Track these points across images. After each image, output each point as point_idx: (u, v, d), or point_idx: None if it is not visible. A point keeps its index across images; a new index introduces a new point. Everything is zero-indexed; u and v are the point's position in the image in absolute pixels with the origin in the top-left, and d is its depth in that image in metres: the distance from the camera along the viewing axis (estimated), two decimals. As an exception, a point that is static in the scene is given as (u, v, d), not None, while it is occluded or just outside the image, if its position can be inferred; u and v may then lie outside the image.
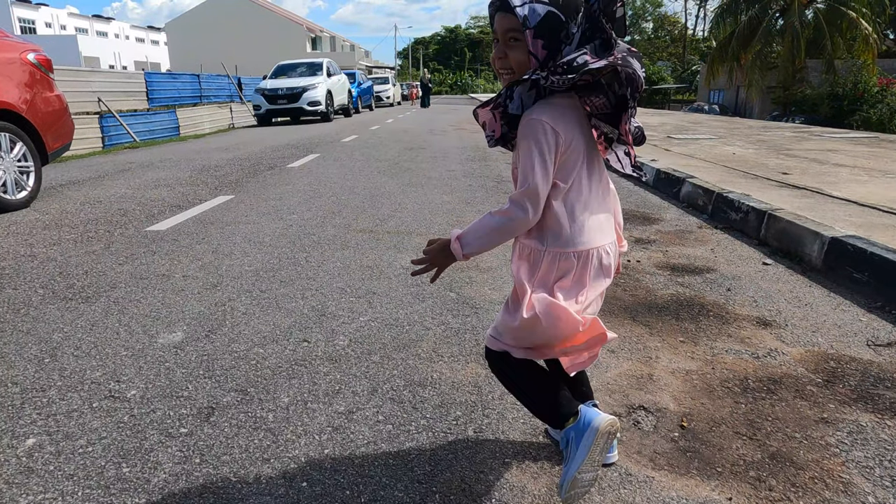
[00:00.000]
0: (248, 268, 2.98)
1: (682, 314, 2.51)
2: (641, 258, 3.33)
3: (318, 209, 4.41)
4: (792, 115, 26.16)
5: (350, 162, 7.23)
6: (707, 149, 7.66)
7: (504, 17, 1.16)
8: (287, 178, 5.90)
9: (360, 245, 3.44)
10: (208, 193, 5.11)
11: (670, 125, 12.07)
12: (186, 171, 6.63)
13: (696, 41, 53.19)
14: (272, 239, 3.57)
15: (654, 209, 4.71)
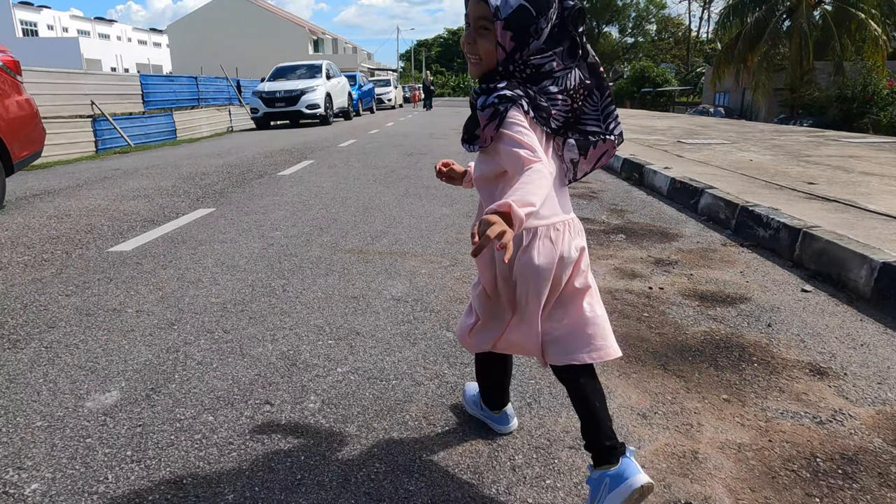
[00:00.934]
0: (214, 299, 2.60)
1: (721, 360, 2.13)
2: (665, 284, 2.94)
3: (304, 224, 4.04)
4: (799, 118, 25.76)
5: (345, 169, 6.86)
6: (721, 155, 7.27)
7: (477, 5, 1.18)
8: (275, 188, 5.53)
9: (346, 269, 3.06)
10: (188, 206, 4.74)
11: (679, 129, 11.68)
12: (171, 179, 6.26)
13: (700, 43, 52.76)
14: (248, 262, 3.19)
15: (672, 223, 4.32)
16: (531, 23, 1.16)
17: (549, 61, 1.20)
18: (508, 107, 1.15)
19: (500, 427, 1.62)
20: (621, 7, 52.99)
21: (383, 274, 2.95)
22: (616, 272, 3.12)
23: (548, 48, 1.20)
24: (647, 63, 47.60)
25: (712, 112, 31.07)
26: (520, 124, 1.15)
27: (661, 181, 5.63)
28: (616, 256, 3.42)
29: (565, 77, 1.22)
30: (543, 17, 1.16)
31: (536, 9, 1.15)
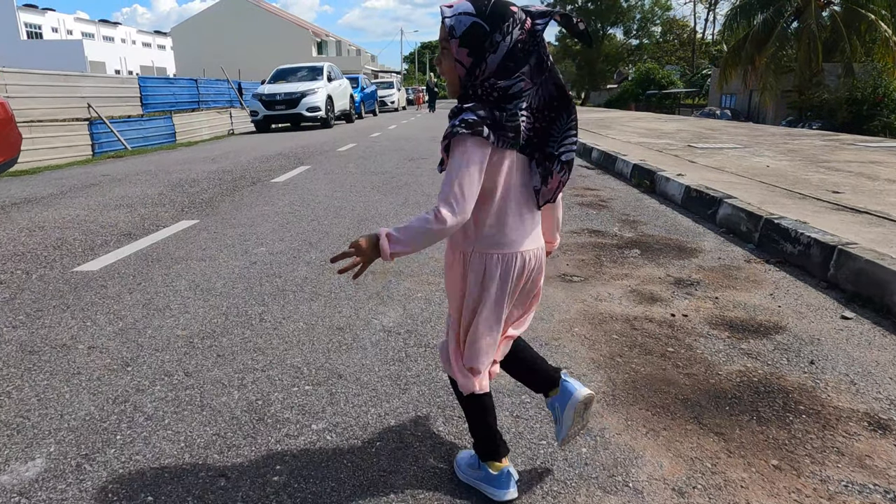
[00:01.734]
0: (181, 331, 2.31)
1: (763, 409, 1.82)
2: (688, 310, 2.63)
3: (293, 239, 3.75)
4: (808, 121, 25.39)
5: (342, 176, 6.57)
6: (735, 160, 6.95)
7: (441, 27, 1.23)
8: (267, 197, 5.24)
9: (334, 293, 2.76)
10: (171, 217, 4.45)
11: (688, 132, 11.35)
12: (159, 186, 5.98)
13: (705, 45, 52.35)
14: (226, 284, 2.89)
15: (689, 236, 4.01)
16: (485, 38, 1.19)
17: (517, 83, 1.21)
18: (464, 136, 1.18)
19: (499, 493, 1.40)
20: (626, 9, 52.62)
21: (374, 299, 2.65)
22: (633, 295, 2.81)
23: (515, 67, 1.21)
24: (652, 65, 47.23)
25: (719, 114, 30.70)
26: (467, 157, 1.18)
27: (674, 189, 5.32)
28: (632, 276, 3.12)
29: (532, 96, 1.25)
30: (498, 31, 1.19)
31: (490, 24, 1.18)
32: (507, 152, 1.24)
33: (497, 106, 1.21)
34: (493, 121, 1.19)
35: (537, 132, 1.27)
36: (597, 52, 52.80)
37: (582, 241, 3.83)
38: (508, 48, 1.19)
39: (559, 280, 3.01)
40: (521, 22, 1.20)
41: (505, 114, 1.20)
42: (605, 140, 9.84)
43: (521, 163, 1.28)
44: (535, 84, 1.24)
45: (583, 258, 3.43)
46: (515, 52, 1.19)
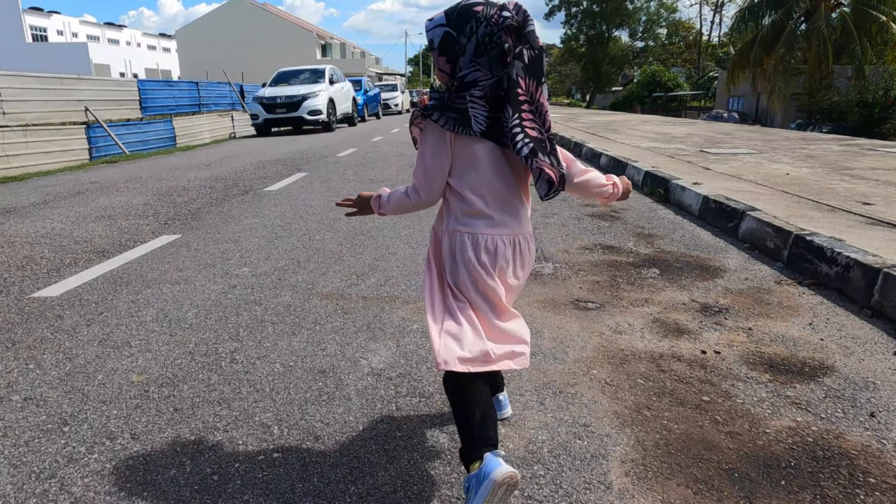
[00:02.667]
0: (137, 377, 1.99)
1: (827, 483, 1.50)
2: (721, 345, 2.32)
3: (279, 257, 3.45)
4: (817, 124, 25.01)
5: (340, 183, 6.26)
6: (752, 167, 6.62)
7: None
8: (257, 207, 4.94)
9: (319, 324, 2.45)
10: (152, 230, 4.15)
11: (699, 136, 11.01)
12: (146, 195, 5.69)
13: (712, 47, 51.90)
14: (199, 313, 2.59)
15: (710, 253, 3.69)
16: (455, 43, 1.29)
17: (472, 71, 1.29)
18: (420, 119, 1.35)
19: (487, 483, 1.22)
20: (631, 11, 52.24)
21: (364, 332, 2.34)
22: (657, 326, 2.49)
23: (475, 59, 1.29)
24: (658, 67, 46.84)
25: (726, 117, 30.32)
26: (431, 146, 1.33)
27: (690, 199, 4.99)
28: (653, 301, 2.80)
29: (490, 86, 1.29)
30: (463, 34, 1.29)
31: (456, 30, 1.29)
32: (477, 140, 1.31)
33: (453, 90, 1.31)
34: (441, 103, 1.30)
35: (495, 121, 1.30)
36: (602, 54, 52.46)
37: (595, 258, 3.52)
38: (475, 47, 1.28)
39: (572, 307, 2.70)
40: (486, 19, 1.27)
41: (452, 95, 1.30)
42: (614, 145, 9.52)
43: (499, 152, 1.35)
44: (495, 76, 1.29)
45: (597, 279, 3.11)
46: (482, 49, 1.28)
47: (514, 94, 1.28)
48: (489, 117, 1.29)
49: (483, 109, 1.29)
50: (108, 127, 12.64)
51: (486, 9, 1.28)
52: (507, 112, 1.28)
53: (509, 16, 1.27)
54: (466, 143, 1.31)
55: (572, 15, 53.67)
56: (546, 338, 2.32)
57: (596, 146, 9.03)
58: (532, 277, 3.12)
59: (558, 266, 3.34)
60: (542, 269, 3.26)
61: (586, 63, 54.34)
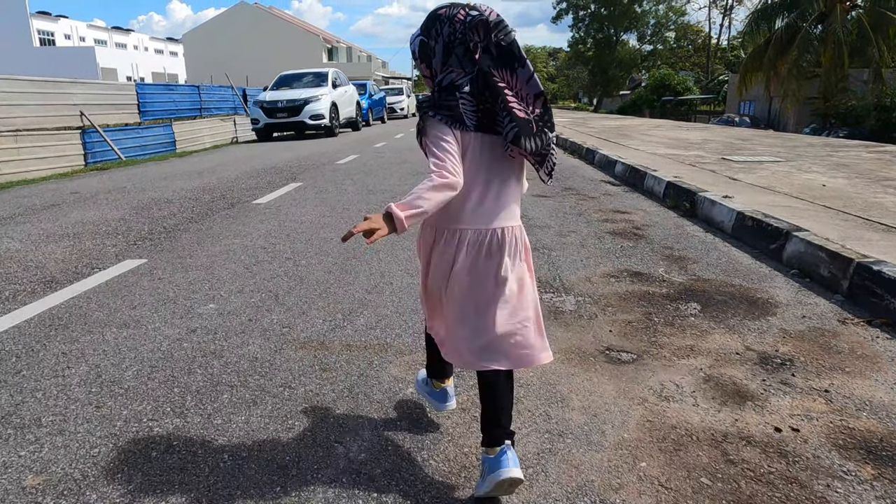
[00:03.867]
0: (31, 480, 1.48)
1: None
2: (797, 416, 1.82)
3: (255, 288, 2.97)
4: (833, 128, 24.43)
5: (336, 195, 5.79)
6: (783, 177, 6.11)
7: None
8: (241, 224, 4.46)
9: (289, 387, 1.96)
10: (117, 253, 3.68)
11: (716, 143, 10.50)
12: (124, 208, 5.23)
13: (721, 50, 51.25)
14: (140, 373, 2.09)
15: (754, 280, 3.20)
16: (427, 48, 1.40)
17: (447, 74, 1.38)
18: (424, 119, 1.38)
19: (438, 405, 1.73)
20: (640, 14, 51.70)
21: (345, 399, 1.84)
22: (711, 388, 2.00)
23: (445, 61, 1.38)
24: (667, 71, 46.26)
25: (737, 121, 29.77)
26: (435, 135, 1.34)
27: (722, 214, 4.50)
28: (700, 350, 2.31)
29: (468, 82, 1.35)
30: (431, 38, 1.39)
31: (426, 36, 1.40)
32: (471, 135, 1.36)
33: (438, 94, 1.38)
34: (432, 102, 1.38)
35: (486, 113, 1.35)
36: (610, 57, 51.94)
37: (623, 289, 3.03)
38: (443, 47, 1.38)
39: (604, 359, 2.21)
40: (448, 18, 1.36)
41: (442, 94, 1.36)
42: (628, 151, 9.01)
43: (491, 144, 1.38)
44: (468, 73, 1.35)
45: (629, 319, 2.62)
46: (449, 48, 1.37)
47: (493, 84, 1.33)
48: (477, 111, 1.34)
49: (471, 105, 1.34)
50: (104, 132, 12.28)
51: (449, 10, 1.37)
52: (496, 102, 1.33)
53: (476, 14, 1.34)
54: (464, 140, 1.36)
55: (580, 18, 53.21)
56: (576, 408, 1.83)
57: (610, 153, 8.53)
58: (552, 316, 2.63)
59: (582, 300, 2.85)
60: (562, 305, 2.78)
61: (594, 67, 53.81)
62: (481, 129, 1.35)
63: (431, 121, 1.35)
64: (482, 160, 1.37)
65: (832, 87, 23.65)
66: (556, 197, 5.81)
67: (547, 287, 3.03)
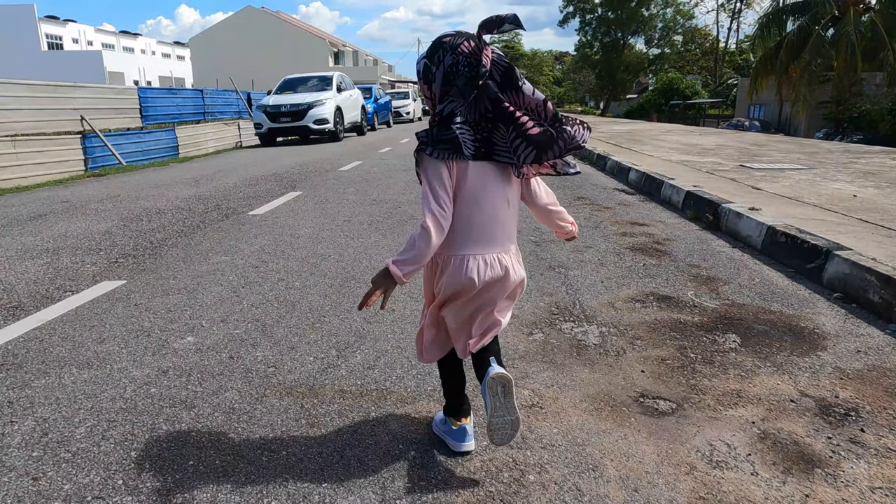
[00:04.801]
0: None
1: None
2: (879, 491, 1.50)
3: (241, 318, 2.66)
4: (846, 133, 24.03)
5: (337, 205, 5.50)
6: (808, 186, 5.78)
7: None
8: (234, 239, 4.17)
9: (268, 451, 1.64)
10: (95, 273, 3.37)
11: (731, 148, 10.16)
12: (113, 219, 4.95)
13: (730, 54, 50.79)
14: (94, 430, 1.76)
15: (794, 305, 2.88)
16: (429, 71, 1.43)
17: (448, 103, 1.42)
18: (417, 155, 1.43)
19: (456, 444, 1.66)
20: (647, 18, 51.34)
21: (334, 467, 1.52)
22: (770, 450, 1.68)
23: (446, 91, 1.41)
24: (675, 74, 45.88)
25: (747, 126, 29.41)
26: (430, 173, 1.41)
27: (749, 228, 4.17)
28: (748, 396, 1.99)
29: (468, 110, 1.41)
30: (433, 63, 1.42)
31: (430, 60, 1.43)
32: (466, 164, 1.41)
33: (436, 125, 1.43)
34: (431, 137, 1.40)
35: (483, 142, 1.42)
36: (617, 61, 51.59)
37: (651, 317, 2.71)
38: (443, 75, 1.41)
39: (638, 409, 1.89)
40: (451, 48, 1.39)
41: (441, 127, 1.40)
42: (642, 157, 8.70)
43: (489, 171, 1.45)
44: (468, 101, 1.40)
45: (662, 355, 2.31)
46: (449, 77, 1.40)
47: (503, 111, 1.39)
48: (475, 140, 1.40)
49: (469, 134, 1.39)
50: (104, 137, 12.07)
51: (453, 39, 1.40)
52: (502, 130, 1.39)
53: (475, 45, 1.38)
54: (460, 169, 1.41)
55: (587, 22, 52.92)
56: (611, 479, 1.51)
57: (623, 160, 8.22)
58: (574, 352, 2.33)
59: (606, 331, 2.53)
60: (585, 337, 2.46)
61: (601, 70, 53.45)
62: (479, 158, 1.41)
63: (427, 158, 1.40)
64: (479, 186, 1.43)
65: (845, 90, 23.28)
66: (570, 207, 5.50)
67: (566, 314, 2.72)
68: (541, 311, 2.76)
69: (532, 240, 4.18)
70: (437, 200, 1.38)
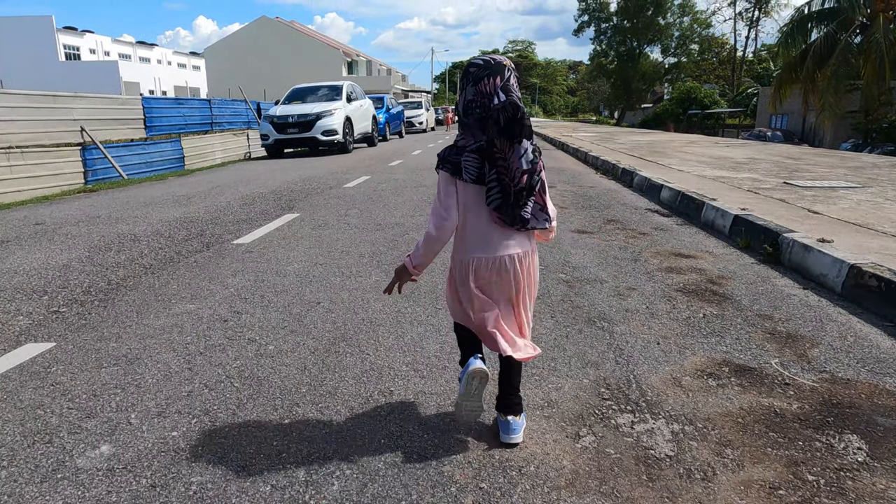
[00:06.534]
0: None
1: None
2: None
3: (184, 408, 1.98)
4: (875, 144, 23.09)
5: (336, 231, 4.85)
6: (872, 209, 5.05)
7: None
8: (207, 280, 3.48)
9: None
10: (23, 330, 2.70)
11: (766, 162, 9.41)
12: (78, 249, 4.31)
13: (750, 63, 49.78)
14: None
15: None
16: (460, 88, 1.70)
17: (461, 139, 1.67)
18: (437, 168, 1.70)
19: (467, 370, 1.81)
20: (663, 26, 50.56)
21: None
22: None
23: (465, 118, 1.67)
24: (693, 83, 45.01)
25: (769, 136, 28.57)
26: (441, 184, 1.68)
27: (822, 266, 3.47)
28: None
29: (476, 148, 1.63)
30: (462, 84, 1.67)
31: (462, 79, 1.68)
32: (470, 185, 1.64)
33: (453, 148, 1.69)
34: (442, 157, 1.67)
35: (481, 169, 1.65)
36: (633, 70, 50.83)
37: (735, 405, 2.02)
38: (463, 105, 1.66)
39: None
40: (475, 82, 1.62)
41: (452, 150, 1.66)
42: (670, 173, 7.98)
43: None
44: (478, 140, 1.63)
45: (769, 480, 1.62)
46: (467, 110, 1.65)
47: (490, 153, 1.61)
48: (480, 167, 1.63)
49: (475, 162, 1.63)
50: (105, 148, 11.62)
51: (478, 71, 1.62)
52: (487, 167, 1.63)
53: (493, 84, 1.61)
54: (465, 187, 1.65)
55: (602, 31, 52.27)
56: None
57: (651, 175, 7.52)
58: (642, 471, 1.64)
59: (680, 430, 1.85)
60: (652, 443, 1.78)
61: (616, 80, 52.67)
62: (480, 182, 1.64)
63: (440, 172, 1.68)
64: (480, 203, 1.66)
65: (874, 100, 22.39)
66: (600, 233, 4.82)
67: (621, 399, 2.04)
68: (586, 394, 2.08)
69: (563, 279, 3.51)
70: (442, 207, 1.66)
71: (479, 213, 1.65)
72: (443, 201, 1.66)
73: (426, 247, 1.68)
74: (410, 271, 1.71)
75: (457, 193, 1.65)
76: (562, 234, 4.73)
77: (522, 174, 1.60)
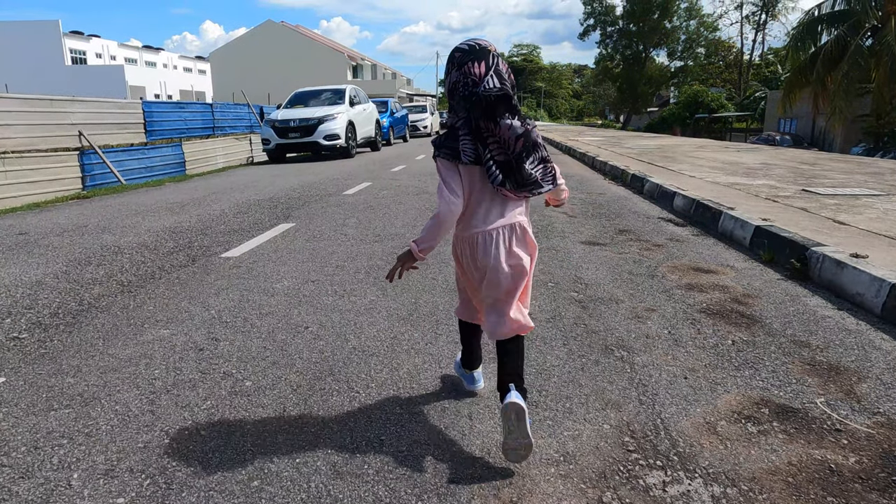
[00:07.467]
0: None
1: None
2: None
3: (137, 465, 1.67)
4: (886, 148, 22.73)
5: (332, 243, 4.57)
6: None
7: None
8: (186, 301, 3.18)
9: None
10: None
11: (781, 168, 9.10)
12: (57, 262, 4.05)
13: (757, 66, 49.36)
14: None
15: None
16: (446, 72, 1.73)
17: (451, 118, 1.71)
18: (434, 155, 1.73)
19: (469, 386, 2.12)
20: (670, 30, 50.22)
21: None
22: None
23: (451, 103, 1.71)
24: (700, 87, 44.64)
25: (778, 140, 28.21)
26: (441, 170, 1.71)
27: (859, 284, 3.18)
28: None
29: (464, 125, 1.66)
30: (448, 68, 1.71)
31: (448, 62, 1.70)
32: (468, 167, 1.68)
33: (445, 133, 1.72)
34: (439, 143, 1.71)
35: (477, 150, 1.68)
36: (639, 74, 50.50)
37: (782, 459, 1.73)
38: (448, 88, 1.70)
39: None
40: (459, 65, 1.65)
41: (448, 135, 1.69)
42: (682, 179, 7.68)
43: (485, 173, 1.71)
44: (462, 117, 1.67)
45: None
46: (452, 92, 1.68)
47: (479, 135, 1.65)
48: (476, 149, 1.66)
49: (471, 143, 1.66)
50: (104, 153, 11.42)
51: (463, 56, 1.65)
52: (480, 149, 1.66)
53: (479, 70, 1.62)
54: (465, 169, 1.70)
55: (608, 35, 51.97)
56: None
57: (663, 181, 7.22)
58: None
59: (721, 494, 1.56)
60: (689, 511, 1.49)
61: (622, 84, 52.33)
62: (478, 163, 1.67)
63: (438, 159, 1.71)
64: (482, 184, 1.71)
65: (885, 104, 22.04)
66: (612, 244, 4.53)
67: (648, 451, 1.75)
68: (608, 445, 1.79)
69: (575, 298, 3.22)
70: (449, 191, 1.68)
71: (483, 191, 1.70)
72: (450, 185, 1.68)
73: (434, 230, 1.69)
74: (416, 256, 1.71)
75: (460, 176, 1.68)
76: (572, 247, 4.44)
77: (517, 139, 1.64)
